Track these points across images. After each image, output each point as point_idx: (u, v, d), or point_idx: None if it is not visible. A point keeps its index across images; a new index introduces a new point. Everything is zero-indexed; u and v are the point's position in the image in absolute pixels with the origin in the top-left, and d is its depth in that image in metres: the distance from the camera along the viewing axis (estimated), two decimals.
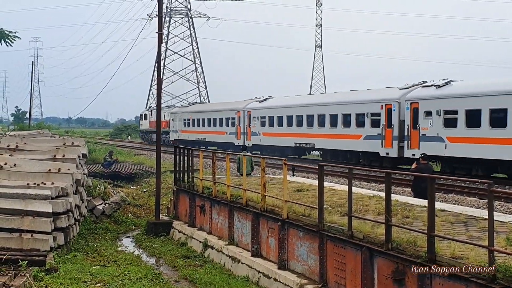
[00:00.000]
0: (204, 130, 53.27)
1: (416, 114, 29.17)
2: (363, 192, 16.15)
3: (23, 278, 12.88)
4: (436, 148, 27.81)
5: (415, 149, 28.90)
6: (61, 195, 17.25)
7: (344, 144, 34.99)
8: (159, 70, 24.40)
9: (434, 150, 27.64)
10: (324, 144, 37.14)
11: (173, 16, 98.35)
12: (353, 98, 35.50)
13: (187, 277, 14.79)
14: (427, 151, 25.18)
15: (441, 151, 27.70)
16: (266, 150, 43.01)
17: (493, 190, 8.00)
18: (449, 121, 27.61)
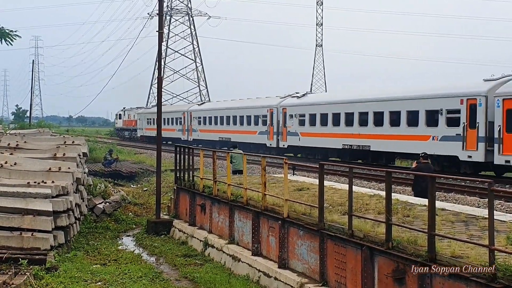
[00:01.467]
0: (168, 127, 61.99)
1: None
2: (364, 191, 16.14)
3: (23, 277, 12.89)
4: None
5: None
6: (62, 193, 17.25)
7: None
8: (159, 69, 24.39)
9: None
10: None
11: (173, 15, 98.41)
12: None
13: (187, 276, 14.80)
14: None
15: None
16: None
17: (494, 189, 7.99)
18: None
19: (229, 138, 48.18)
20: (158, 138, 23.21)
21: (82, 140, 24.57)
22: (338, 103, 36.43)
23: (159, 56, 24.11)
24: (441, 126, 28.21)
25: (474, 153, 26.23)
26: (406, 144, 30.26)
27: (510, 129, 24.37)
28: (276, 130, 42.42)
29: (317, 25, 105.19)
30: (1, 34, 27.46)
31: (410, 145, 29.87)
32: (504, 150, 24.47)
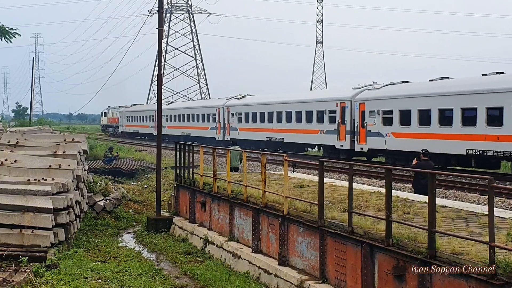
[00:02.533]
0: (137, 124, 73.50)
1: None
2: (364, 188, 16.15)
3: (23, 274, 12.88)
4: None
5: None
6: (62, 191, 17.25)
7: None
8: (159, 66, 24.37)
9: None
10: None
11: (173, 12, 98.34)
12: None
13: (187, 273, 14.80)
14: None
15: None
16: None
17: (494, 186, 7.99)
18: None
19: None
20: (158, 136, 23.18)
21: (82, 138, 24.57)
22: (262, 104, 43.36)
23: (159, 53, 24.09)
24: (325, 122, 36.37)
25: (344, 143, 34.70)
26: (306, 136, 38.65)
27: (363, 125, 32.52)
28: (222, 126, 50.43)
29: (318, 22, 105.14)
30: (1, 31, 27.45)
31: (308, 137, 38.67)
32: (360, 140, 33.16)
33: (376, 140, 31.97)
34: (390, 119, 31.09)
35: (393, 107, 30.94)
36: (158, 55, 24.48)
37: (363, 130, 32.97)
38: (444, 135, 27.34)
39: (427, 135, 28.26)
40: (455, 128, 26.69)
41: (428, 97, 28.67)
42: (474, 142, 25.58)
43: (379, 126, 31.71)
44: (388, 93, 32.07)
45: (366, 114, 32.81)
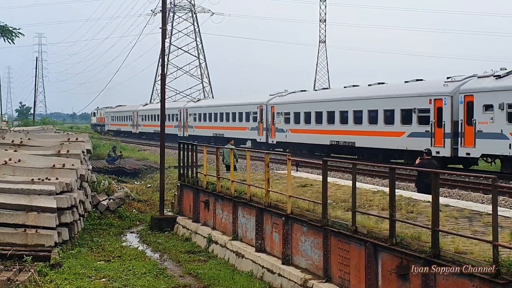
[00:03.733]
0: (119, 123, 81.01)
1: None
2: (367, 187, 16.15)
3: (27, 274, 12.91)
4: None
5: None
6: (66, 190, 17.27)
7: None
8: (162, 66, 24.39)
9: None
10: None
11: (177, 12, 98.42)
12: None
13: (191, 272, 14.81)
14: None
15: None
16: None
17: (497, 185, 7.99)
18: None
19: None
20: (161, 135, 23.20)
21: (86, 137, 24.61)
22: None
23: (162, 53, 24.10)
24: (251, 121, 45.85)
25: (262, 137, 44.55)
26: (237, 132, 46.45)
27: (274, 123, 39.61)
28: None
29: (321, 21, 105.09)
30: (5, 31, 27.50)
31: (238, 133, 46.02)
32: (272, 135, 41.40)
33: (281, 135, 41.66)
34: (289, 119, 40.88)
35: (290, 110, 40.81)
36: (161, 55, 24.49)
37: (273, 127, 42.78)
38: (317, 131, 37.60)
39: (309, 131, 38.44)
40: (324, 125, 36.99)
41: (310, 103, 39.16)
42: (335, 135, 35.48)
43: (282, 124, 41.60)
44: (289, 99, 41.94)
45: (275, 115, 42.42)
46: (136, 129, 73.27)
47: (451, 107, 27.37)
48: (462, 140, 26.54)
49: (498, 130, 24.98)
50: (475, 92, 25.99)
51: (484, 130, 25.49)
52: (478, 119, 25.80)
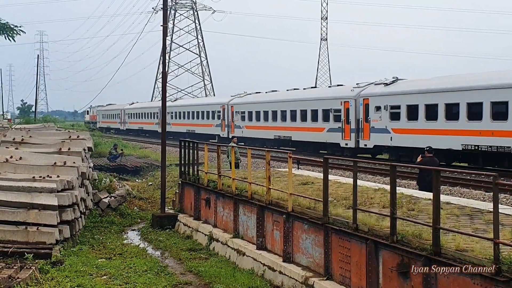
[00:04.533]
0: (109, 121, 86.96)
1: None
2: (368, 185, 16.13)
3: (29, 271, 12.92)
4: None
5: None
6: (67, 188, 17.29)
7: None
8: (164, 64, 24.38)
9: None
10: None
11: (178, 9, 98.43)
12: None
13: (192, 270, 14.82)
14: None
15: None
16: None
17: (499, 183, 7.98)
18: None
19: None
20: (162, 133, 23.21)
21: (87, 135, 24.61)
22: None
23: (163, 50, 24.08)
24: (216, 119, 52.11)
25: (224, 133, 50.58)
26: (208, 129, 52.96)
27: (233, 120, 47.55)
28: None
29: (322, 19, 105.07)
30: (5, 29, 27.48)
31: (207, 129, 53.34)
32: (231, 131, 48.53)
33: (238, 131, 47.37)
34: (244, 117, 47.17)
35: (245, 109, 47.07)
36: (162, 53, 24.49)
37: (233, 124, 48.72)
38: (265, 127, 43.88)
39: (259, 127, 44.79)
40: (269, 122, 43.41)
41: (260, 103, 45.53)
42: (277, 131, 42.26)
43: (239, 122, 47.57)
44: (246, 100, 48.43)
45: (234, 114, 48.54)
46: (123, 126, 79.60)
47: (355, 108, 34.16)
48: (362, 134, 33.71)
49: (383, 126, 31.85)
50: (370, 96, 33.04)
51: (376, 126, 32.47)
52: (371, 118, 32.72)
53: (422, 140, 27.51)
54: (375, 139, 32.50)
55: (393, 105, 31.02)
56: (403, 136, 30.30)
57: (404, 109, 30.25)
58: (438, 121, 28.16)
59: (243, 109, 47.83)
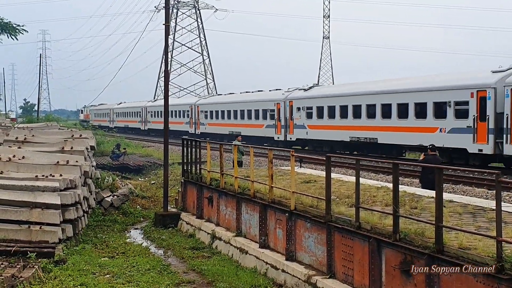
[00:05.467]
0: (100, 119, 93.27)
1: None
2: (371, 183, 16.12)
3: (32, 270, 12.94)
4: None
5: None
6: (70, 187, 17.31)
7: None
8: (166, 62, 24.38)
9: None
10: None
11: (180, 8, 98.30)
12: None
13: (195, 268, 14.83)
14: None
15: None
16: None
17: (501, 181, 7.96)
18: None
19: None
20: (165, 131, 23.20)
21: (90, 134, 24.65)
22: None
23: (165, 49, 24.09)
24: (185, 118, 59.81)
25: (192, 130, 57.66)
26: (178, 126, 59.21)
27: (199, 119, 55.47)
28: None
29: (324, 17, 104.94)
30: (8, 28, 27.52)
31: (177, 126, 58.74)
32: (197, 128, 56.62)
33: (202, 127, 55.59)
34: (207, 116, 54.78)
35: (207, 109, 54.96)
36: (164, 51, 24.50)
37: (198, 122, 56.31)
38: (222, 124, 51.49)
39: (219, 124, 51.97)
40: (225, 120, 51.19)
41: (218, 104, 53.66)
42: (231, 127, 49.41)
43: (203, 120, 55.30)
44: (208, 101, 57.02)
45: (201, 114, 55.84)
46: (112, 124, 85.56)
47: (284, 109, 42.05)
48: (288, 130, 41.36)
49: (302, 123, 39.68)
50: (293, 99, 41.25)
51: (297, 123, 40.22)
52: (294, 116, 40.46)
53: (326, 134, 36.99)
54: (296, 133, 40.35)
55: (308, 107, 39.09)
56: (314, 131, 38.45)
57: (315, 110, 38.22)
58: (335, 119, 36.24)
59: (206, 109, 55.74)
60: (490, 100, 24.97)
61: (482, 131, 25.34)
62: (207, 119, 55.10)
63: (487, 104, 25.17)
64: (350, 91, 36.01)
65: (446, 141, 27.16)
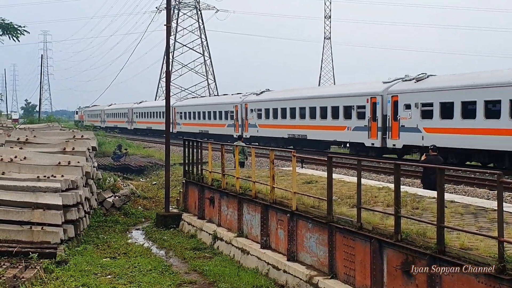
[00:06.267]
0: (93, 120, 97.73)
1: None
2: (372, 183, 16.12)
3: (33, 271, 12.95)
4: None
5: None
6: (71, 187, 17.32)
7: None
8: (167, 63, 24.40)
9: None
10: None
11: (181, 9, 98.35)
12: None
13: (196, 269, 14.83)
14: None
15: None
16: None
17: (503, 181, 7.97)
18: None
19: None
20: (166, 132, 23.22)
21: (91, 134, 24.64)
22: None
23: (167, 50, 24.11)
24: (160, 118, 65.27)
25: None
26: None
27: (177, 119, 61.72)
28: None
29: (325, 17, 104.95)
30: (10, 29, 27.54)
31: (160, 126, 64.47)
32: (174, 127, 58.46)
33: (178, 127, 61.28)
34: (182, 116, 61.37)
35: (182, 111, 61.63)
36: (166, 52, 24.51)
37: (175, 122, 60.99)
38: (194, 124, 57.84)
39: (192, 124, 58.43)
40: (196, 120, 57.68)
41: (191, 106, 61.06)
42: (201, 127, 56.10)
43: (179, 120, 61.52)
44: (184, 103, 64.22)
45: (178, 115, 62.07)
46: (103, 124, 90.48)
47: (241, 110, 48.66)
48: (244, 128, 47.72)
49: (254, 123, 46.40)
50: (248, 102, 47.89)
51: (250, 123, 46.86)
52: (249, 117, 47.39)
53: (274, 132, 43.56)
54: (250, 132, 46.51)
55: (259, 109, 46.06)
56: (265, 130, 44.76)
57: (264, 111, 45.31)
58: (277, 119, 43.13)
59: (182, 110, 62.29)
60: (379, 105, 32.49)
61: (374, 129, 32.86)
62: (182, 119, 61.73)
63: (377, 108, 32.55)
64: (287, 96, 43.73)
65: (351, 137, 35.12)
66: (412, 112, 29.59)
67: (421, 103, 29.10)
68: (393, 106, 30.99)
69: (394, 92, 31.11)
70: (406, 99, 30.07)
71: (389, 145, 31.53)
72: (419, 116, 29.18)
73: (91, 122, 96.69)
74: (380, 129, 32.25)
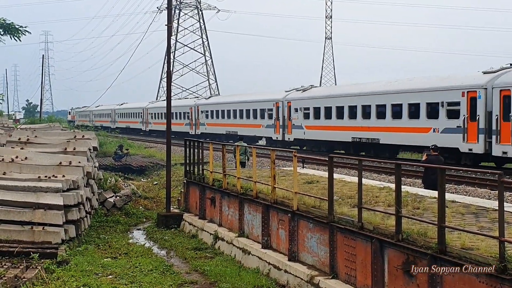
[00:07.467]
0: (83, 120, 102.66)
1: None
2: (373, 183, 16.12)
3: (34, 271, 12.96)
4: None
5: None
6: (72, 188, 17.33)
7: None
8: (168, 63, 24.41)
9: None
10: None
11: (182, 9, 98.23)
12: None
13: (197, 269, 14.84)
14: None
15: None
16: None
17: (504, 181, 7.97)
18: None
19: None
20: (167, 132, 23.22)
21: (92, 135, 24.66)
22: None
23: (168, 50, 24.11)
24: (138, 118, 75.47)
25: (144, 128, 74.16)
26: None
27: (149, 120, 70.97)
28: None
29: (326, 17, 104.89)
30: (11, 29, 27.57)
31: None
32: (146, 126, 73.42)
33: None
34: (152, 117, 68.37)
35: (153, 112, 68.20)
36: (167, 52, 24.52)
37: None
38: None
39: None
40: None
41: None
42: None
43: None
44: (156, 105, 69.26)
45: (149, 115, 69.33)
46: (92, 124, 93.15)
47: (195, 112, 57.29)
48: (197, 127, 56.51)
49: (203, 122, 55.82)
50: (199, 105, 57.33)
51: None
52: (200, 118, 56.96)
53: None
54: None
55: (207, 110, 55.07)
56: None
57: (209, 113, 54.23)
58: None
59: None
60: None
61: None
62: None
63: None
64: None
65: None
66: (298, 114, 40.33)
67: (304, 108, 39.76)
68: (288, 110, 41.66)
69: (290, 99, 41.66)
70: (295, 105, 40.89)
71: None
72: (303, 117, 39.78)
73: (81, 121, 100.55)
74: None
